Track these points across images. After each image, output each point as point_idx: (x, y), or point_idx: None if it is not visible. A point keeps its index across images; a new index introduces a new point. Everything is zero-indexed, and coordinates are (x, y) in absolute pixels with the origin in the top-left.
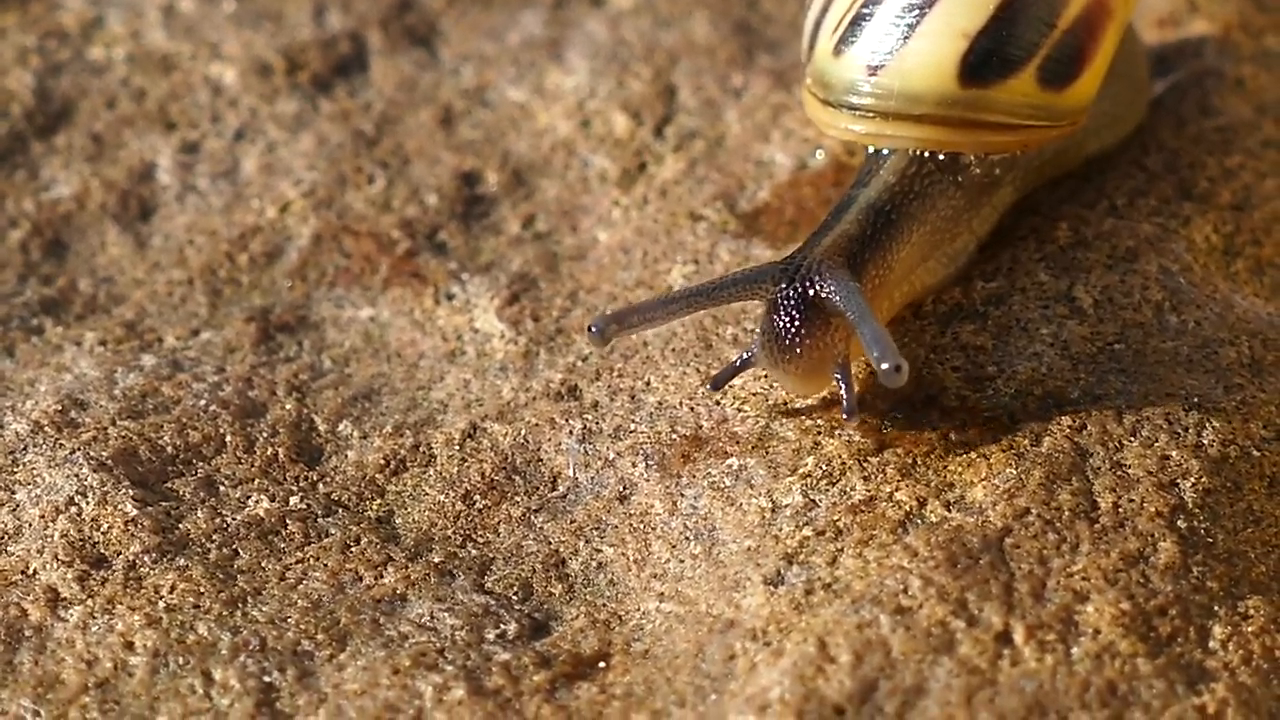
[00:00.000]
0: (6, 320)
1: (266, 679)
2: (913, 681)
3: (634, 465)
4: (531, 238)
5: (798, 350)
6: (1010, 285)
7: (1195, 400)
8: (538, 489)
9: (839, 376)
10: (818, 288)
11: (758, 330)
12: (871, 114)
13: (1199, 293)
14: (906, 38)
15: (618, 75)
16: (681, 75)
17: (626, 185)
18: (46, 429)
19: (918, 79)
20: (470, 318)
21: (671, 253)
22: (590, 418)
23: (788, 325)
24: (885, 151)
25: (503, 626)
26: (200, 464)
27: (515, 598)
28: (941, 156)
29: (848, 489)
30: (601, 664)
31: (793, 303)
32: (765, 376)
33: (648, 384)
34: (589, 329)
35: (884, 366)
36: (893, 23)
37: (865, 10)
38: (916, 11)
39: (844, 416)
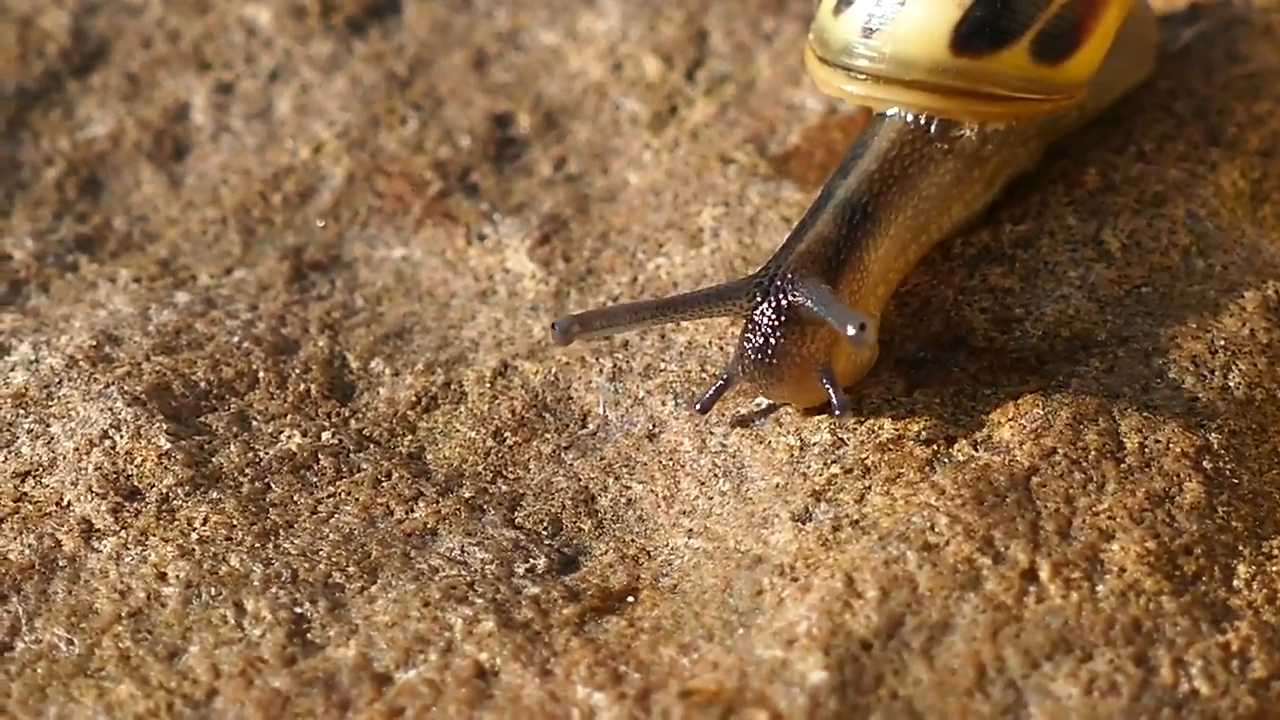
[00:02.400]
0: (42, 257)
1: (298, 610)
2: (939, 617)
3: (663, 403)
4: (563, 180)
5: (778, 363)
6: (1038, 228)
7: (1222, 343)
8: (568, 426)
9: (825, 380)
10: (792, 298)
11: (734, 348)
12: (864, 76)
13: (1226, 237)
14: (903, 2)
15: (649, 19)
16: (713, 19)
17: (657, 128)
18: (81, 364)
19: (910, 44)
20: (502, 258)
21: (702, 195)
22: (620, 356)
23: (765, 341)
24: (868, 135)
25: (532, 561)
26: (233, 399)
27: (545, 533)
28: (932, 129)
29: (876, 428)
30: (630, 598)
31: (769, 318)
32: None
33: (677, 323)
34: (552, 326)
35: (850, 332)
36: None
37: None
38: None
39: (838, 414)
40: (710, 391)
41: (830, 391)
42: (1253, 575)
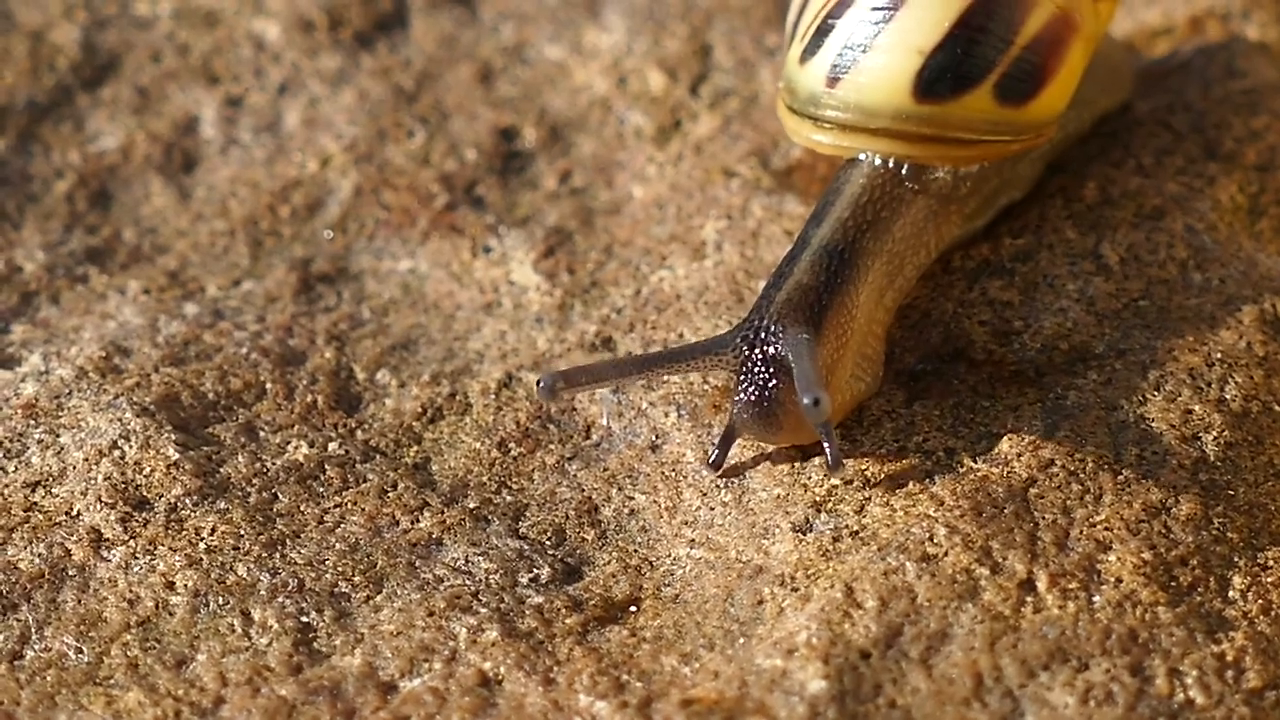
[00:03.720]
0: (53, 268)
1: (304, 619)
2: (937, 627)
3: (666, 415)
4: (568, 192)
5: (777, 415)
6: (1038, 242)
7: (1218, 356)
8: (571, 437)
9: (821, 431)
10: (777, 348)
11: (731, 401)
12: (830, 125)
13: (1223, 251)
14: (864, 51)
15: (654, 34)
16: (717, 34)
17: (662, 142)
18: (91, 375)
19: (874, 93)
20: (507, 270)
21: (705, 208)
22: None
23: (760, 395)
24: (841, 180)
25: (536, 571)
26: (241, 410)
27: (549, 543)
28: (904, 171)
29: (876, 439)
30: (632, 608)
31: (760, 369)
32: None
33: (680, 336)
34: (538, 383)
35: (804, 401)
36: (851, 36)
37: (829, 21)
38: (874, 26)
39: (830, 469)
40: (717, 449)
41: (825, 445)
42: (1248, 586)
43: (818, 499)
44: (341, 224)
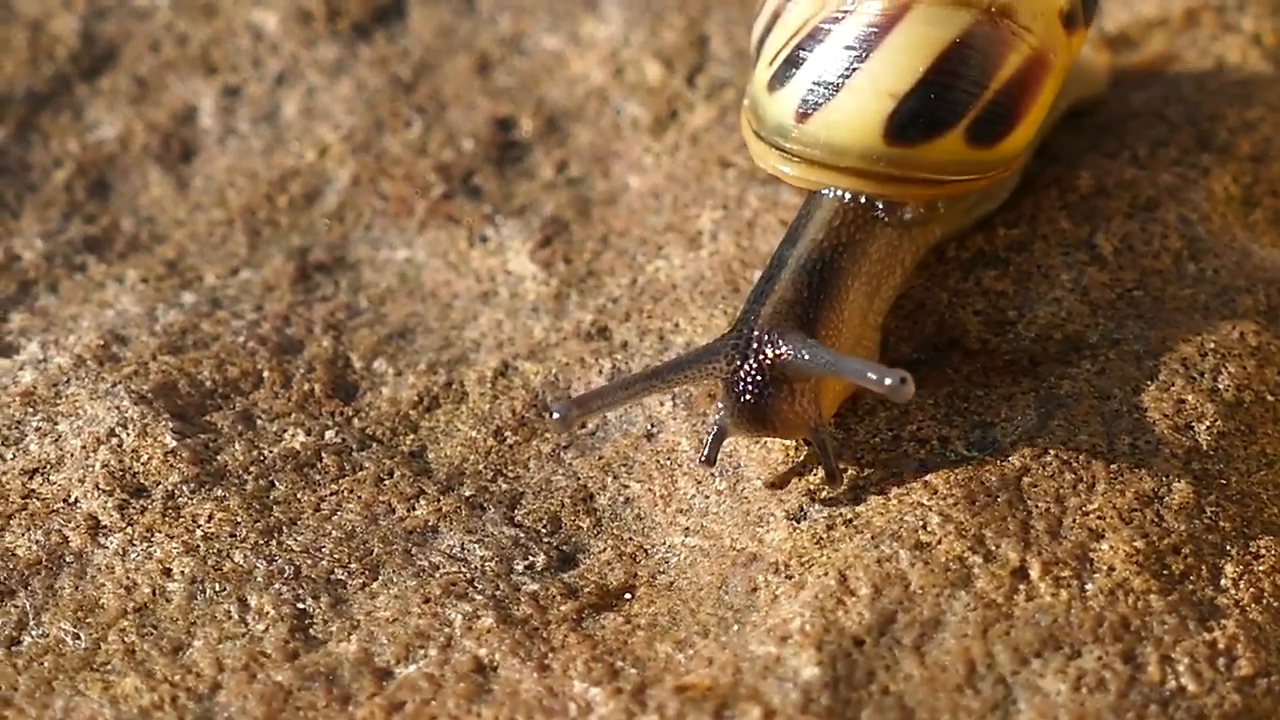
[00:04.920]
0: (51, 257)
1: (300, 605)
2: (930, 614)
3: (661, 404)
4: (564, 183)
5: (772, 421)
6: (1032, 232)
7: (1212, 346)
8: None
9: (817, 443)
10: (775, 354)
11: (722, 404)
12: (797, 159)
13: (1217, 241)
14: (836, 90)
15: (651, 25)
16: (714, 25)
17: (658, 132)
18: (89, 363)
19: (843, 134)
20: (503, 260)
21: (701, 198)
22: (619, 357)
23: (754, 400)
24: (811, 205)
25: (531, 558)
26: (238, 398)
27: (544, 531)
28: (873, 204)
29: (870, 427)
30: (627, 595)
31: (753, 377)
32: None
33: (676, 325)
34: (551, 413)
35: (888, 383)
36: (823, 72)
37: (800, 52)
38: (847, 65)
39: (829, 483)
40: (709, 445)
41: (822, 459)
42: (1240, 574)
43: (812, 487)
44: (339, 213)
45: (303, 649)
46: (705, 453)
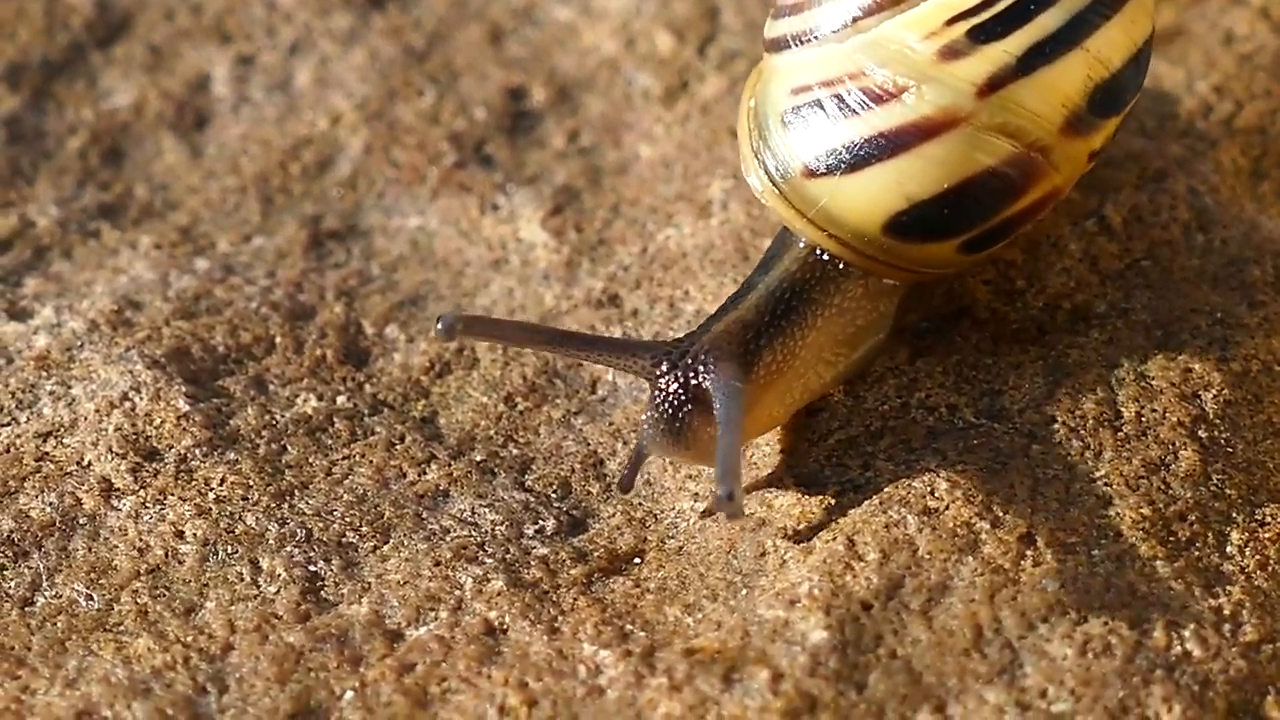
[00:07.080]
0: (65, 224)
1: (312, 568)
2: (937, 579)
3: None
4: (575, 152)
5: (685, 440)
6: None
7: (1219, 316)
8: (578, 392)
9: (723, 493)
10: (700, 379)
11: (644, 417)
12: (786, 203)
13: (1225, 213)
14: (855, 166)
15: None
16: None
17: (669, 102)
18: (102, 328)
19: (844, 210)
20: (515, 228)
21: (712, 167)
22: (630, 324)
23: (671, 416)
24: (789, 239)
25: (541, 523)
26: (251, 363)
27: (554, 495)
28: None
29: (880, 395)
30: (636, 559)
31: (675, 392)
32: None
33: (686, 293)
34: (437, 320)
35: (719, 492)
36: (849, 145)
37: (832, 105)
38: (876, 151)
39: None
40: (628, 470)
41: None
42: (1245, 541)
43: (821, 453)
44: (351, 181)
45: (314, 611)
46: (623, 480)
